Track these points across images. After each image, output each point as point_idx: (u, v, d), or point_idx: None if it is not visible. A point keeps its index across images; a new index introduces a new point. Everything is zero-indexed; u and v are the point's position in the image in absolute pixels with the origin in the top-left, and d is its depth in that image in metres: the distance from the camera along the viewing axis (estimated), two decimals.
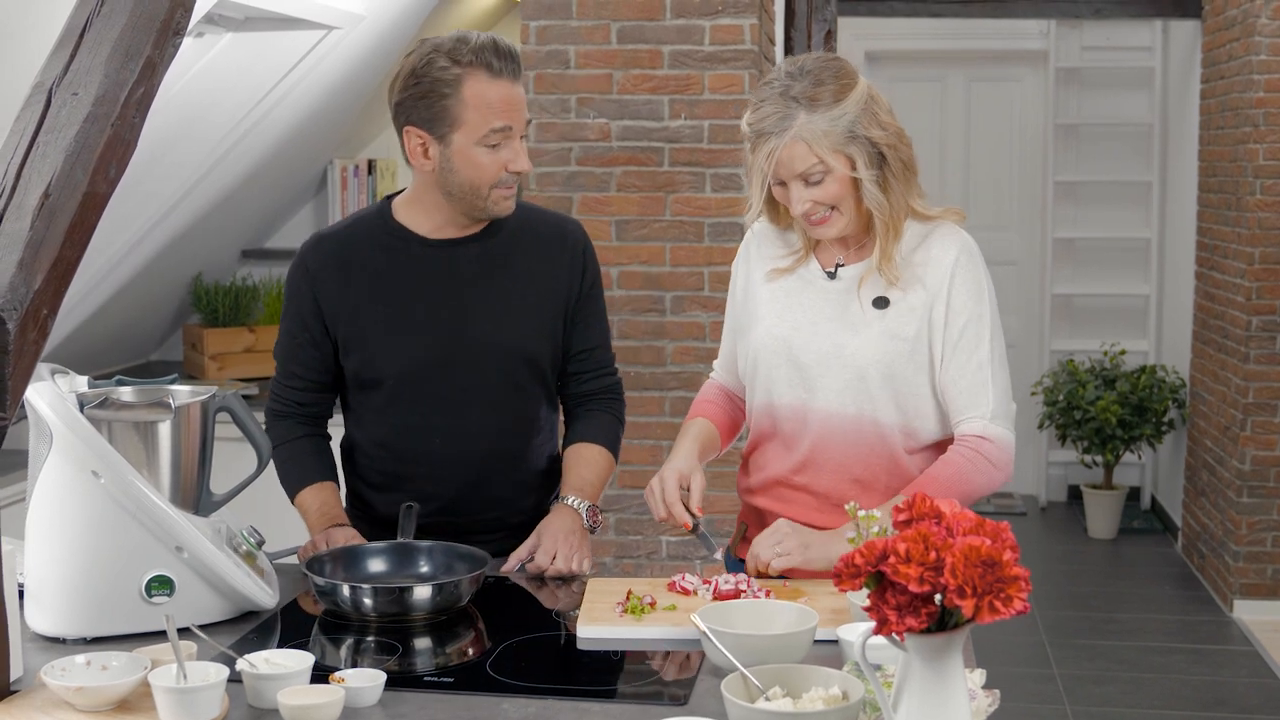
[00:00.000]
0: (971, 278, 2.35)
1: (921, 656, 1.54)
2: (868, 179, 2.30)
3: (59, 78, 1.93)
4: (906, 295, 2.34)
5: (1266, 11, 5.56)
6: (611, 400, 2.67)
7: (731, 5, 4.15)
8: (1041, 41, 7.54)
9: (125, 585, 2.08)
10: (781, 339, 2.41)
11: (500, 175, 2.43)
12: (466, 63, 2.37)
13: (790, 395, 2.41)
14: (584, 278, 2.58)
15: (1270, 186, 5.64)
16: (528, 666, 2.00)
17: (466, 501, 2.54)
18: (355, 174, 5.06)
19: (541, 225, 2.59)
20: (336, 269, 2.51)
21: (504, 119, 2.39)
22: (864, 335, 2.34)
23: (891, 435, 2.35)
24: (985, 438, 2.31)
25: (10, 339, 1.76)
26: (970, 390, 2.33)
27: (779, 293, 2.44)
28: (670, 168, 4.24)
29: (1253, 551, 5.77)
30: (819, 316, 2.39)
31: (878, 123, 2.30)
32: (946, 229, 2.39)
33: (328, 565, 2.29)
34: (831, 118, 2.27)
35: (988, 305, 2.35)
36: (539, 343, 2.54)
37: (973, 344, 2.33)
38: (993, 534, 1.52)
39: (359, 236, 2.54)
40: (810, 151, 2.28)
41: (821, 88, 2.28)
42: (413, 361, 2.49)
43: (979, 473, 2.30)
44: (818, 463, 2.40)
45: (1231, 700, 4.87)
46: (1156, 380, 6.88)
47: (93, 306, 4.40)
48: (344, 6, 3.99)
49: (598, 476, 2.57)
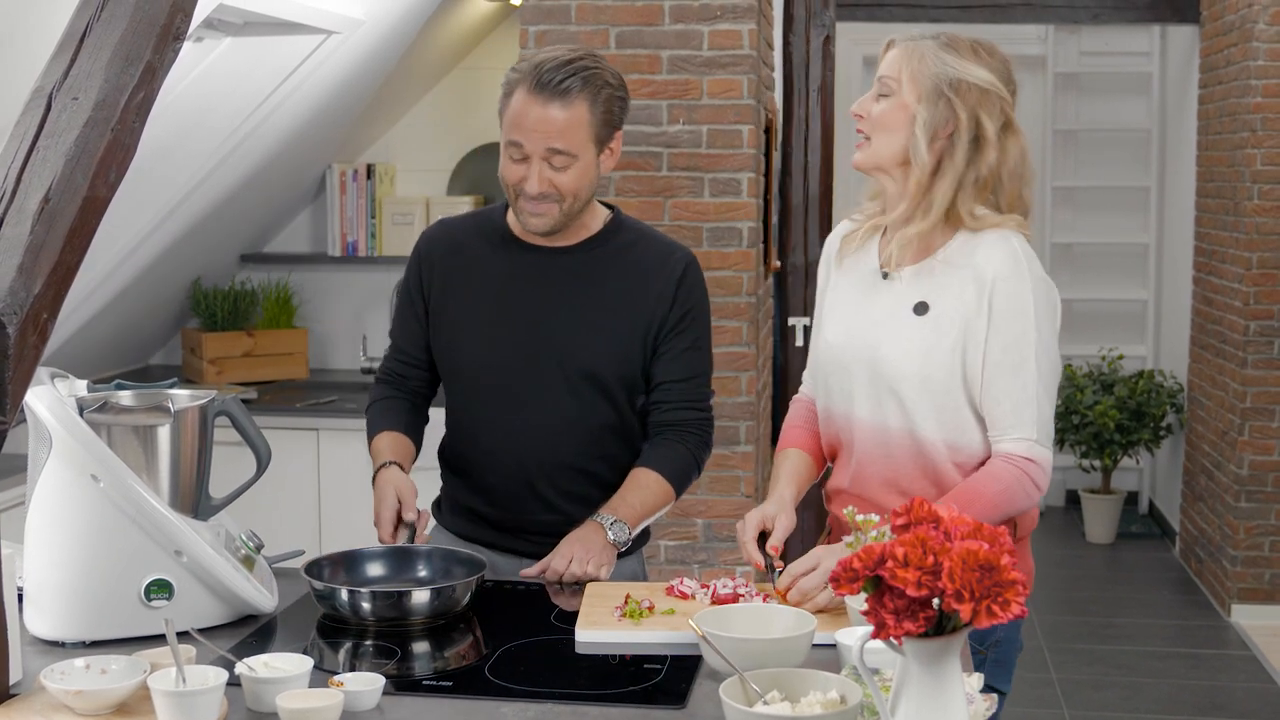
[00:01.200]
0: (1015, 291, 2.25)
1: (919, 660, 1.54)
2: (921, 129, 2.26)
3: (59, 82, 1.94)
4: (946, 303, 2.28)
5: (1264, 17, 5.57)
6: (690, 433, 2.60)
7: (730, 11, 4.16)
8: (1040, 47, 7.55)
9: (124, 589, 2.08)
10: (834, 346, 2.39)
11: (516, 185, 2.46)
12: (521, 71, 2.45)
13: (841, 405, 2.39)
14: (673, 308, 2.54)
15: (1268, 191, 5.65)
16: (526, 670, 2.00)
17: (521, 501, 2.57)
18: (354, 178, 5.06)
19: (647, 249, 2.58)
20: (443, 254, 2.61)
21: (517, 134, 2.43)
22: (901, 345, 2.29)
23: (934, 449, 2.29)
24: (1033, 459, 2.24)
25: (10, 343, 1.76)
26: (1015, 410, 2.24)
27: (841, 294, 2.42)
28: (669, 172, 4.24)
29: (1250, 556, 5.77)
30: (867, 322, 2.35)
31: (978, 113, 2.26)
32: (995, 237, 2.28)
33: (326, 569, 2.29)
34: (943, 60, 2.26)
35: (1033, 321, 2.25)
36: (609, 362, 2.52)
37: (1016, 363, 2.24)
38: (990, 538, 1.52)
39: (471, 228, 2.63)
40: (899, 63, 2.28)
41: (963, 42, 2.29)
42: (485, 356, 2.54)
43: (1024, 494, 2.24)
44: (865, 475, 2.36)
45: (1229, 705, 4.87)
46: (1154, 385, 6.89)
47: (92, 310, 4.40)
48: (343, 11, 3.99)
49: (643, 502, 2.52)
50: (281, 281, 5.18)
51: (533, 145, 2.42)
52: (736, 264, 4.24)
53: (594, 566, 2.40)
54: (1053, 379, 2.29)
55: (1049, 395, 2.28)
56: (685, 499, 4.30)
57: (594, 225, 2.57)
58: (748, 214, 4.22)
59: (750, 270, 4.23)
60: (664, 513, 2.61)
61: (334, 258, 5.08)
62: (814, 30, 5.06)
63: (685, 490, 2.62)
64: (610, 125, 2.48)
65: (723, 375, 4.24)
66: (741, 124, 4.18)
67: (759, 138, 4.33)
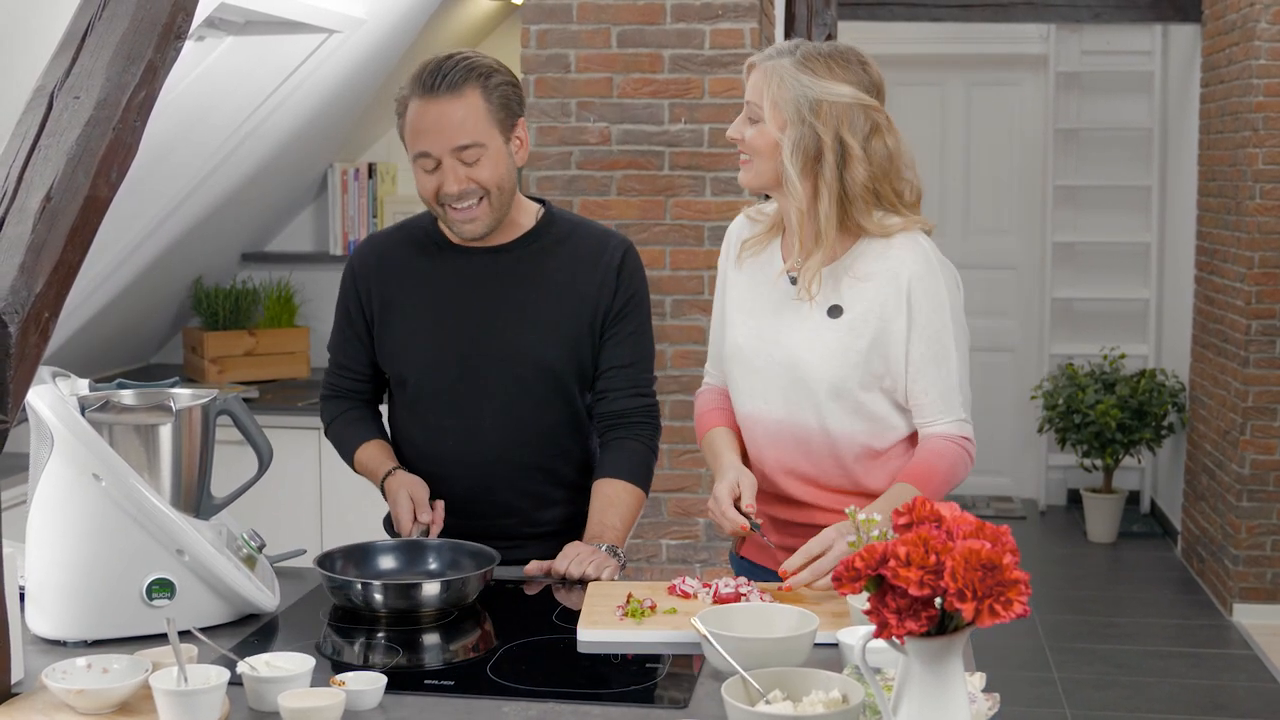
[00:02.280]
0: (931, 289, 2.33)
1: (921, 660, 1.54)
2: (789, 158, 2.29)
3: (61, 81, 1.94)
4: (861, 306, 2.34)
5: (1266, 16, 5.56)
6: (642, 424, 2.61)
7: (731, 10, 4.16)
8: (1041, 46, 7.55)
9: (126, 588, 2.08)
10: (744, 349, 2.42)
11: (438, 195, 2.45)
12: (407, 88, 2.46)
13: (749, 403, 2.44)
14: (616, 294, 2.56)
15: (1270, 191, 5.65)
16: (528, 669, 2.00)
17: (479, 505, 2.56)
18: (355, 177, 5.06)
19: (584, 239, 2.59)
20: (377, 266, 2.60)
21: (422, 145, 2.43)
22: (818, 349, 2.35)
23: (845, 441, 2.37)
24: (968, 437, 2.38)
25: (12, 342, 1.76)
26: (943, 396, 2.36)
27: (745, 293, 2.45)
28: (670, 171, 4.24)
29: (1252, 556, 5.77)
30: (778, 325, 2.39)
31: (840, 131, 2.27)
32: (904, 241, 2.34)
33: (339, 562, 2.32)
34: (800, 83, 2.27)
35: (949, 312, 2.35)
36: (560, 355, 2.54)
37: (939, 353, 2.35)
38: (993, 538, 1.52)
39: (404, 239, 2.62)
40: (760, 88, 2.30)
41: (819, 59, 2.29)
42: (431, 361, 2.54)
43: (964, 467, 2.37)
44: (779, 470, 2.42)
45: (1231, 705, 4.87)
46: (1156, 384, 6.89)
47: (93, 309, 4.40)
48: (344, 10, 4.00)
49: (622, 518, 2.53)
50: (283, 280, 5.18)
51: (439, 147, 2.42)
52: None
53: (594, 568, 2.40)
54: (966, 353, 2.40)
55: (965, 371, 2.39)
56: (686, 499, 4.31)
57: (526, 222, 2.58)
58: None
59: None
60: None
61: (335, 256, 5.09)
62: (816, 29, 5.06)
63: (651, 482, 2.64)
64: (510, 112, 2.48)
65: None
66: None
67: None
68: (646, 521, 4.34)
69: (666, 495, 4.32)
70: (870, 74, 2.33)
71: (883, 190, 2.32)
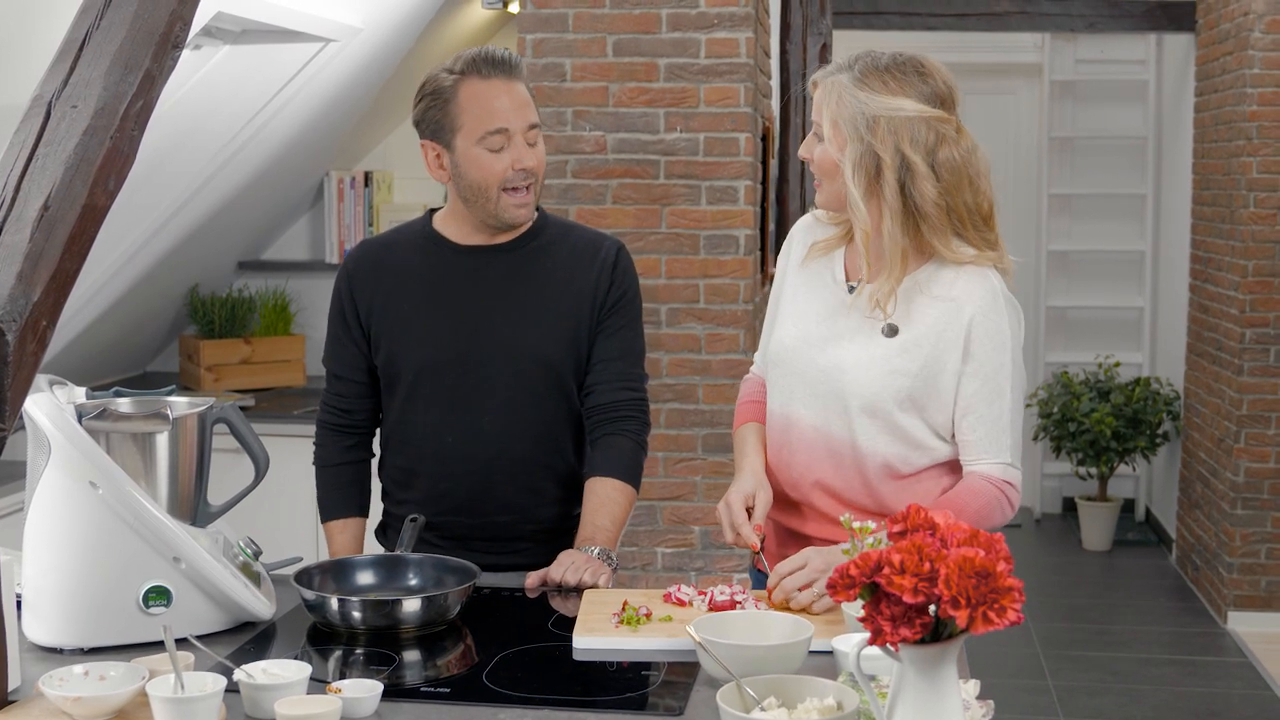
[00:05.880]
0: (994, 328, 2.28)
1: (916, 667, 1.55)
2: (850, 178, 2.24)
3: (58, 90, 1.94)
4: (919, 330, 2.29)
5: (1260, 25, 5.58)
6: (630, 419, 2.62)
7: (727, 19, 4.17)
8: (1036, 55, 7.57)
9: (123, 596, 2.08)
10: (786, 348, 2.40)
11: (506, 175, 2.48)
12: (460, 71, 2.49)
13: (790, 407, 2.40)
14: (610, 291, 2.59)
15: (1264, 199, 5.66)
16: (524, 677, 2.00)
17: (478, 503, 2.57)
18: (352, 186, 5.07)
19: (578, 240, 2.63)
20: (371, 269, 2.63)
21: (499, 121, 2.47)
22: (865, 364, 2.30)
23: (872, 461, 2.32)
24: (1010, 482, 2.31)
25: (9, 350, 1.77)
26: (991, 435, 2.29)
27: (801, 294, 2.42)
28: (666, 180, 4.25)
29: (1247, 564, 5.78)
30: (828, 333, 2.36)
31: (901, 147, 2.21)
32: (973, 274, 2.29)
33: (316, 577, 2.29)
34: (857, 99, 2.23)
35: (1009, 353, 2.29)
36: (558, 351, 2.56)
37: (994, 392, 2.28)
38: (986, 545, 1.53)
39: (398, 242, 2.65)
40: (821, 105, 2.27)
41: (875, 73, 2.25)
42: (429, 359, 2.55)
43: (1000, 513, 2.30)
44: (807, 479, 2.39)
45: (1225, 712, 4.88)
46: (1151, 393, 6.90)
47: (90, 318, 4.40)
48: (341, 19, 4.00)
49: (613, 519, 2.54)
50: (279, 288, 5.18)
51: (517, 122, 2.49)
52: (733, 271, 4.24)
53: (590, 576, 2.40)
54: (1022, 396, 2.35)
55: (1020, 415, 2.34)
56: (682, 507, 4.31)
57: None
58: (745, 222, 4.23)
59: (747, 278, 4.24)
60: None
61: (332, 265, 5.09)
62: (811, 38, 5.07)
63: (641, 478, 2.64)
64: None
65: (720, 382, 4.25)
66: (738, 132, 4.19)
67: (756, 145, 4.34)
68: (642, 529, 4.34)
69: (662, 503, 4.32)
70: (932, 84, 2.26)
71: (954, 204, 2.26)
